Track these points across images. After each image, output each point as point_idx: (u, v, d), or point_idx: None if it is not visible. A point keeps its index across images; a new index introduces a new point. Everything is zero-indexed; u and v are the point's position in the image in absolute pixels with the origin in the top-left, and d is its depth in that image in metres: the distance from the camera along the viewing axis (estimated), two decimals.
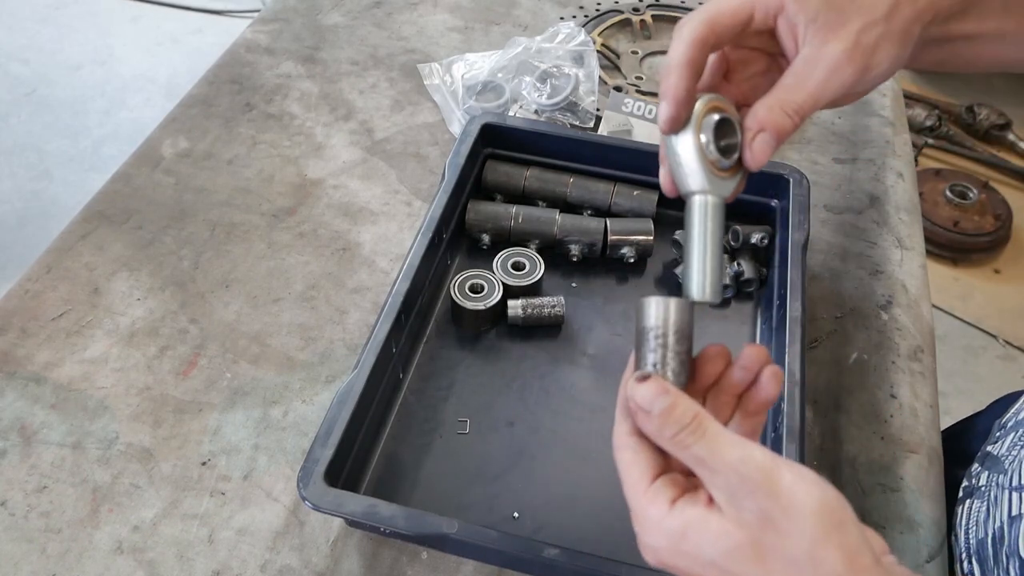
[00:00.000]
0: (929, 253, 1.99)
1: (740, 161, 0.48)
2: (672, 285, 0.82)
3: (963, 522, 0.70)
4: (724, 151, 0.48)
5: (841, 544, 0.36)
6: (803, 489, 0.37)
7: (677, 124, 0.48)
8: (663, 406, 0.41)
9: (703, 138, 0.47)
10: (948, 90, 2.88)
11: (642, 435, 0.44)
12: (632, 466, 0.43)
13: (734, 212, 0.85)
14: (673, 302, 0.45)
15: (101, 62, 2.88)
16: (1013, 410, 0.74)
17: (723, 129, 0.48)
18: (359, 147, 0.97)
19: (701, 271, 0.47)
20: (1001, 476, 0.67)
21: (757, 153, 0.47)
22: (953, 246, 2.29)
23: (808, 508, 0.37)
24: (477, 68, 1.04)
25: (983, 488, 0.69)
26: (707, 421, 0.40)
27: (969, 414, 0.90)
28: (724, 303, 0.81)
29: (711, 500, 0.40)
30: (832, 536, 0.36)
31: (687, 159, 0.47)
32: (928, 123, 2.63)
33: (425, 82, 1.05)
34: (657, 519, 0.41)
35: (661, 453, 0.44)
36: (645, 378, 0.42)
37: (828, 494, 0.37)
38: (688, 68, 0.47)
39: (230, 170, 0.93)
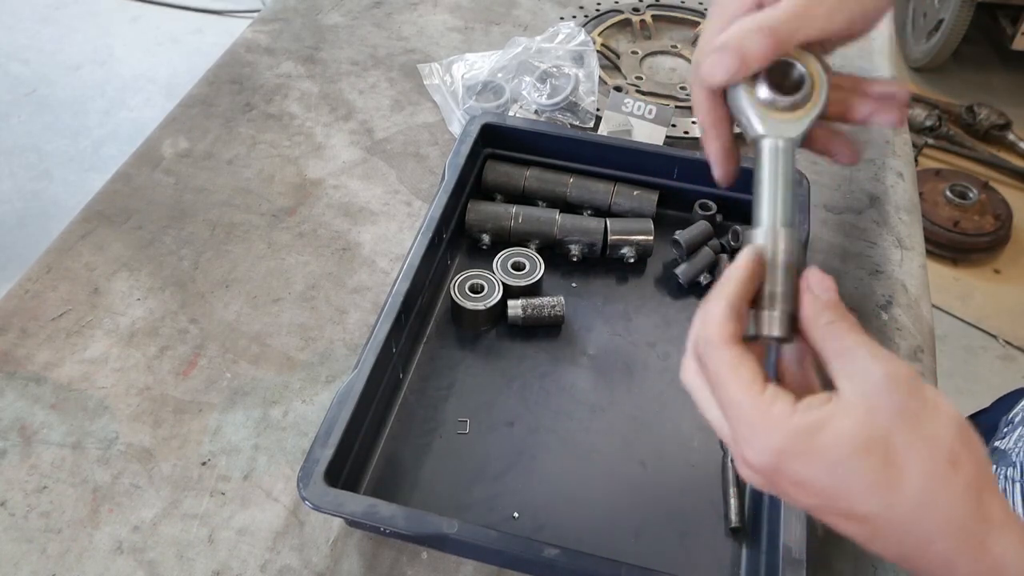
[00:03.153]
0: (929, 253, 1.98)
1: (810, 98, 0.49)
2: (672, 286, 0.82)
3: None
4: (785, 90, 0.49)
5: (976, 459, 0.37)
6: (943, 400, 0.38)
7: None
8: (833, 296, 0.41)
9: (755, 86, 0.49)
10: (948, 90, 2.88)
11: (745, 344, 0.42)
12: (741, 367, 0.40)
13: (734, 211, 0.85)
14: (782, 233, 0.45)
15: (101, 62, 2.89)
16: (1021, 405, 0.75)
17: (778, 72, 0.49)
18: (359, 147, 0.97)
19: (771, 211, 0.46)
20: (1010, 469, 0.68)
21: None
22: (953, 246, 2.29)
23: (953, 414, 0.37)
24: (477, 68, 1.04)
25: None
26: (858, 327, 0.41)
27: (970, 413, 0.90)
28: None
29: (839, 400, 0.39)
30: (969, 448, 0.37)
31: (738, 108, 0.49)
32: (928, 123, 2.63)
33: (425, 82, 1.05)
34: (782, 417, 0.38)
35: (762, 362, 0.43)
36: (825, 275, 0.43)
37: (958, 412, 0.38)
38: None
39: (230, 170, 0.93)
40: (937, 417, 0.37)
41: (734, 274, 0.43)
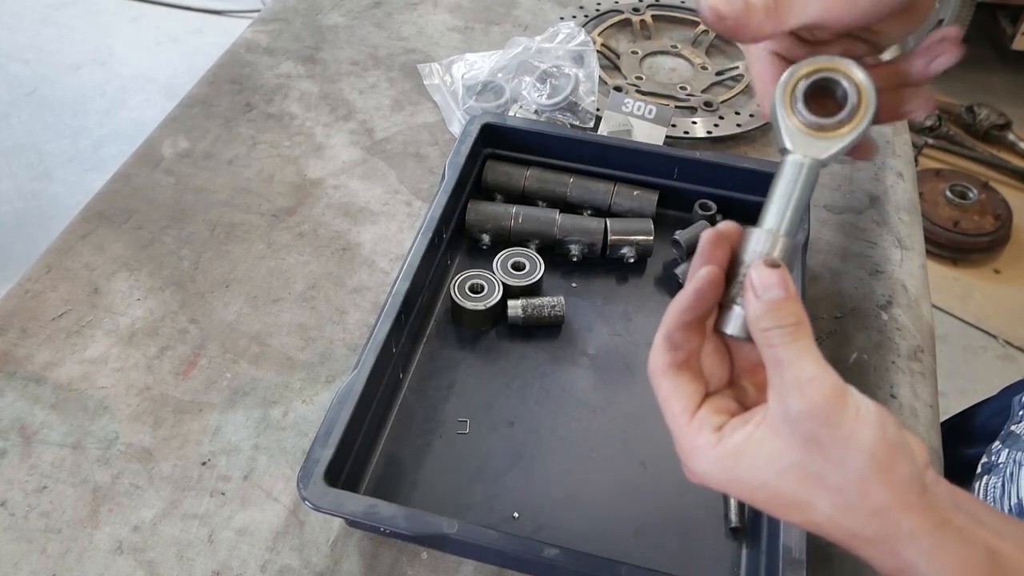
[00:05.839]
0: (929, 253, 1.98)
1: (848, 122, 0.45)
2: (672, 285, 0.82)
3: (980, 498, 0.71)
4: (828, 108, 0.46)
5: (890, 482, 0.36)
6: (864, 425, 0.36)
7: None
8: (774, 297, 0.39)
9: (790, 101, 0.46)
10: (948, 90, 2.88)
11: (680, 367, 0.43)
12: (672, 398, 0.42)
13: (733, 211, 0.85)
14: (781, 241, 0.43)
15: (101, 62, 2.88)
16: None
17: (821, 90, 0.46)
18: (359, 147, 0.97)
19: (777, 219, 0.44)
20: (1020, 453, 0.68)
21: None
22: (953, 246, 2.29)
23: (865, 446, 0.36)
24: (477, 68, 1.04)
25: (1001, 465, 0.70)
26: (803, 332, 0.39)
27: (977, 401, 0.91)
28: None
29: (760, 422, 0.40)
30: (883, 475, 0.36)
31: (772, 116, 0.47)
32: (928, 123, 2.63)
33: (425, 82, 1.05)
34: (706, 448, 0.40)
35: (701, 379, 0.43)
36: (775, 265, 0.40)
37: (888, 432, 0.37)
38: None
39: (230, 170, 0.93)
40: (848, 449, 0.36)
41: (674, 302, 0.43)
